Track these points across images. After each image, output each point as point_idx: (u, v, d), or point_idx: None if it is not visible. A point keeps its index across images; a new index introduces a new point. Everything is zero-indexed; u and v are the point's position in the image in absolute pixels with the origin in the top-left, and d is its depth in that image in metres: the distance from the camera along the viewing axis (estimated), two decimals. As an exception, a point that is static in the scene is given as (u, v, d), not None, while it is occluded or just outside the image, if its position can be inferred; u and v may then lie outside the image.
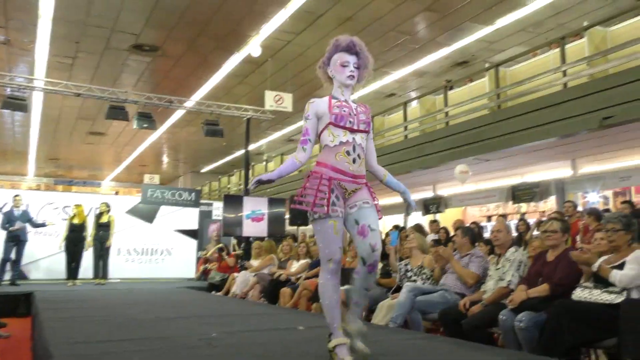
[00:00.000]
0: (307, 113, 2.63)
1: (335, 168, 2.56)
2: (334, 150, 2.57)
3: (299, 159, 2.61)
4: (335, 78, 2.68)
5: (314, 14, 9.29)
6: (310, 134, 2.62)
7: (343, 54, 2.65)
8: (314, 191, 2.52)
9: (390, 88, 13.31)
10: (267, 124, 15.10)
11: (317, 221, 2.55)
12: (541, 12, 9.31)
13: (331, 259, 2.57)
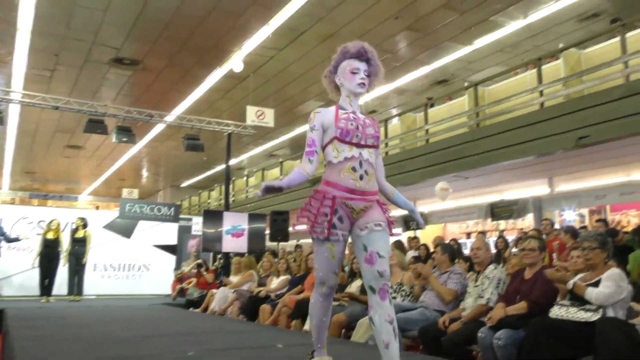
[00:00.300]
0: (313, 123, 2.50)
1: (340, 186, 2.43)
2: (338, 167, 2.44)
3: (306, 170, 2.46)
4: (343, 86, 2.56)
5: (297, 30, 9.37)
6: (316, 144, 2.49)
7: (353, 60, 2.54)
8: (315, 212, 2.42)
9: (372, 105, 13.43)
10: (249, 139, 15.08)
11: (315, 242, 2.48)
12: (518, 33, 9.55)
13: (324, 283, 2.52)
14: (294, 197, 13.28)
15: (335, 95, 2.65)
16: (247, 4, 8.46)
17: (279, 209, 11.79)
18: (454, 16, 8.93)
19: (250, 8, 8.57)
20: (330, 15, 8.81)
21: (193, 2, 8.34)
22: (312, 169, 2.47)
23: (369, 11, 8.69)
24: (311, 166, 2.47)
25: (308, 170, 2.46)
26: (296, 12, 8.60)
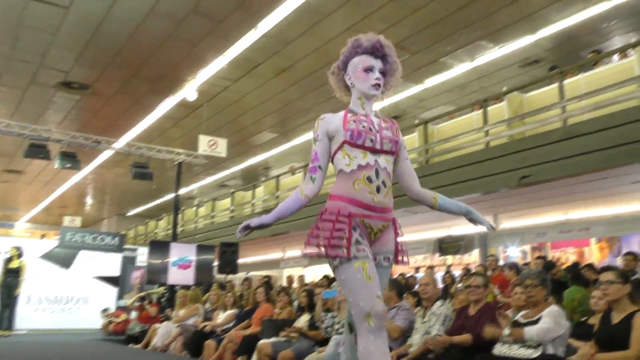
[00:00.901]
0: (316, 133, 2.14)
1: (356, 201, 2.03)
2: (352, 177, 2.05)
3: (305, 192, 2.07)
4: (354, 87, 2.21)
5: (253, 62, 9.42)
6: (320, 159, 2.10)
7: (366, 57, 2.19)
8: (330, 230, 1.98)
9: (325, 138, 13.57)
10: (200, 169, 14.85)
11: (340, 268, 1.97)
12: (466, 75, 9.97)
13: (369, 314, 1.89)
14: (245, 228, 13.10)
15: (345, 96, 2.31)
16: (203, 34, 8.46)
17: (228, 240, 11.57)
18: (406, 56, 9.23)
19: (207, 38, 8.57)
20: (286, 50, 8.93)
21: (148, 29, 8.25)
22: (315, 189, 2.08)
23: (324, 47, 8.86)
24: (313, 186, 2.08)
25: (308, 192, 2.07)
26: (252, 44, 8.67)
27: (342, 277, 1.98)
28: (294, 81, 10.17)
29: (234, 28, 8.23)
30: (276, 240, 13.11)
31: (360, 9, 7.69)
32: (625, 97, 6.23)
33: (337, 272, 2.01)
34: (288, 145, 13.93)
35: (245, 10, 7.71)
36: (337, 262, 1.97)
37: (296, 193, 2.08)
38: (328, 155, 2.13)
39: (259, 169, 16.49)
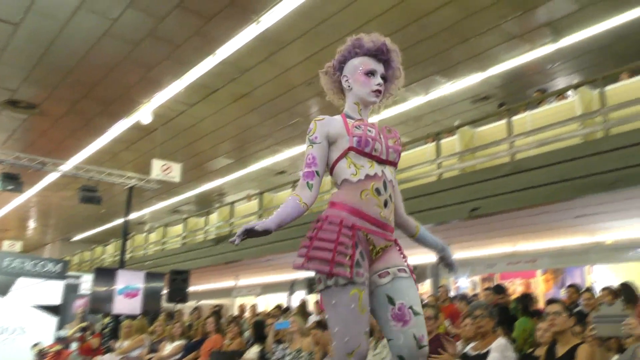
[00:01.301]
0: (314, 134, 1.91)
1: (361, 212, 1.82)
2: (359, 187, 1.84)
3: (303, 200, 1.81)
4: (352, 91, 2.00)
5: (210, 88, 9.36)
6: (318, 164, 1.87)
7: (368, 59, 1.99)
8: (332, 243, 1.74)
9: (281, 166, 13.55)
10: (152, 193, 14.46)
11: (332, 291, 1.74)
12: (420, 108, 10.25)
13: (352, 352, 1.71)
14: (197, 255, 12.80)
15: (337, 99, 2.10)
16: (160, 58, 8.36)
17: (179, 267, 11.24)
18: (362, 88, 9.43)
19: (164, 62, 8.47)
20: (244, 77, 8.93)
21: (102, 51, 8.08)
22: (312, 197, 1.85)
23: (283, 76, 8.93)
24: (310, 193, 1.85)
25: (306, 200, 1.83)
26: (210, 70, 8.63)
27: (332, 301, 1.74)
28: (251, 108, 10.16)
29: (191, 53, 8.18)
30: (229, 268, 12.84)
31: (319, 39, 7.82)
32: (568, 135, 6.54)
33: (327, 293, 1.76)
34: (244, 171, 13.82)
35: (204, 36, 7.69)
36: (331, 282, 1.73)
37: (293, 200, 1.81)
38: (326, 160, 1.91)
39: (213, 195, 16.24)
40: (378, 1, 6.86)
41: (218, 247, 12.12)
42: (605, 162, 5.73)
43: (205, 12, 7.16)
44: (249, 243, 10.84)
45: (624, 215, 6.92)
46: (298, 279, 12.38)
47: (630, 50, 7.96)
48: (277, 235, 10.74)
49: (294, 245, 10.00)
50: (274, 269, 12.48)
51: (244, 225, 1.73)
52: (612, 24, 7.44)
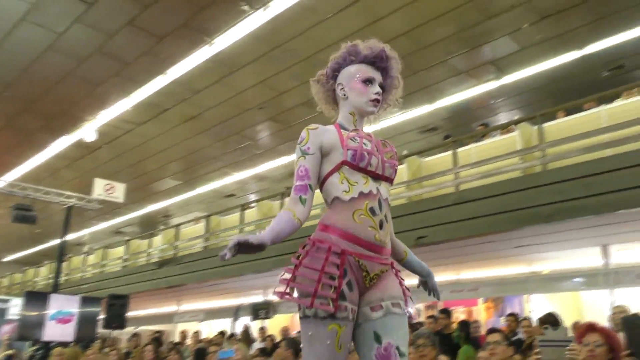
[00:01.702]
0: (307, 145, 1.75)
1: (353, 236, 1.67)
2: (352, 207, 1.69)
3: (297, 215, 1.66)
4: (347, 100, 1.85)
5: (159, 107, 9.18)
6: (311, 177, 1.72)
7: (365, 66, 1.85)
8: (317, 272, 1.60)
9: (230, 189, 13.38)
10: (93, 214, 13.89)
11: (311, 321, 1.63)
12: (370, 137, 10.44)
13: None
14: (139, 279, 12.31)
15: (329, 109, 1.95)
16: (108, 75, 8.14)
17: (118, 292, 10.76)
18: (314, 114, 9.43)
19: (112, 79, 8.25)
20: (195, 98, 8.83)
21: (45, 65, 7.78)
22: (305, 212, 1.69)
23: (235, 98, 8.89)
24: (304, 209, 1.69)
25: (300, 215, 1.67)
26: (160, 89, 8.48)
27: (308, 332, 1.63)
28: (202, 129, 10.03)
29: (141, 71, 8.02)
30: (171, 292, 12.41)
31: (273, 64, 7.87)
32: (510, 168, 6.82)
33: (304, 323, 1.64)
34: (191, 193, 13.55)
35: (155, 55, 7.58)
36: (310, 312, 1.62)
37: (287, 215, 1.65)
38: (318, 173, 1.75)
39: (158, 217, 15.79)
40: (333, 30, 6.99)
41: (161, 271, 11.72)
42: (542, 195, 6.00)
43: (157, 31, 7.07)
44: (194, 267, 10.58)
45: (560, 247, 7.23)
46: (243, 305, 12.12)
47: (566, 90, 8.48)
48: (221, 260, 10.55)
49: (240, 270, 9.86)
50: (219, 294, 12.18)
51: (236, 237, 1.53)
52: (550, 65, 7.93)
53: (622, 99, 6.60)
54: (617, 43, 7.38)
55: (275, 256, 9.69)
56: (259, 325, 10.58)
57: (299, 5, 6.53)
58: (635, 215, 5.52)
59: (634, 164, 5.29)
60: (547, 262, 8.12)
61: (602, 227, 6.08)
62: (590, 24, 6.99)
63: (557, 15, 6.80)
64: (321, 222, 1.73)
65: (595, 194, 5.52)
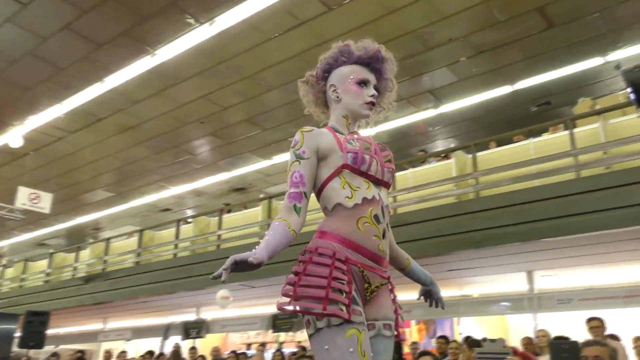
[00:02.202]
0: (302, 148, 1.61)
1: (356, 245, 1.56)
2: (356, 214, 1.57)
3: (293, 227, 1.54)
4: (341, 102, 1.74)
5: (94, 116, 8.81)
6: (306, 183, 1.59)
7: (360, 67, 1.75)
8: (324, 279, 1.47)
9: (166, 203, 12.99)
10: (15, 224, 13.03)
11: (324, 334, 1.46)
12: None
13: None
14: (62, 294, 11.62)
15: (318, 112, 1.84)
16: (39, 79, 7.73)
17: (38, 308, 10.08)
18: (257, 131, 9.47)
19: (44, 84, 7.84)
20: (134, 108, 8.55)
21: (-30, 63, 7.30)
22: (300, 223, 1.57)
23: (175, 111, 8.69)
24: (298, 219, 1.56)
25: (295, 227, 1.55)
26: (96, 97, 8.14)
27: (324, 347, 1.44)
28: (138, 141, 9.71)
29: (77, 78, 7.69)
30: (97, 309, 11.80)
31: (216, 80, 7.77)
32: (445, 194, 7.04)
33: (317, 338, 1.46)
34: (124, 206, 13.03)
35: (92, 62, 7.29)
36: (322, 324, 1.45)
37: (282, 227, 1.52)
38: (314, 179, 1.62)
39: (87, 230, 15.03)
40: (278, 49, 7.02)
41: (87, 287, 11.13)
42: (474, 221, 6.23)
43: (96, 37, 6.81)
44: (123, 283, 10.11)
45: (489, 272, 7.52)
46: (174, 323, 11.71)
47: (498, 122, 8.94)
48: (153, 277, 10.09)
49: (172, 288, 9.54)
50: (149, 311, 11.71)
51: (232, 256, 1.41)
52: (484, 97, 8.34)
53: (549, 134, 7.02)
54: (545, 81, 7.89)
55: (209, 274, 9.45)
56: (190, 344, 10.23)
57: (246, 23, 6.51)
58: (558, 243, 5.85)
59: (558, 194, 5.62)
60: (477, 286, 8.41)
61: (527, 253, 6.38)
62: (521, 61, 7.43)
63: (492, 52, 7.19)
64: (320, 230, 1.60)
65: (522, 222, 5.80)
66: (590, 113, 6.43)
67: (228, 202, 12.10)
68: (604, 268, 6.94)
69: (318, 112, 1.84)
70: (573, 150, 5.91)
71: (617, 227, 5.19)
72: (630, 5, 6.24)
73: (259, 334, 11.76)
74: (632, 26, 6.63)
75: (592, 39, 6.91)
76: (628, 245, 5.81)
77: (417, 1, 6.16)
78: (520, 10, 6.37)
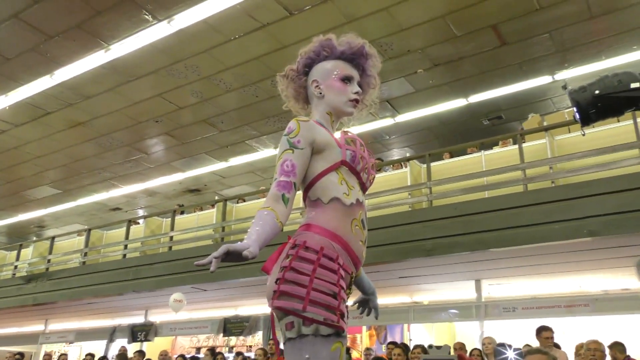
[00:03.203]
0: (297, 137, 1.52)
1: (346, 245, 1.49)
2: (351, 214, 1.52)
3: (280, 218, 1.43)
4: (324, 99, 1.67)
5: (41, 109, 8.44)
6: (297, 174, 1.49)
7: (343, 63, 1.69)
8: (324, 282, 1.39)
9: (117, 202, 12.61)
10: (-49, 219, 12.35)
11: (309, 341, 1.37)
12: (268, 160, 10.46)
13: None
14: (1, 294, 11.06)
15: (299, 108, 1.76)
16: (-18, 69, 7.35)
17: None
18: (214, 132, 9.33)
19: (-13, 74, 7.46)
20: (85, 104, 8.25)
21: None
22: (287, 215, 1.46)
23: (130, 108, 8.45)
24: (285, 210, 1.45)
25: (282, 218, 1.43)
26: (44, 91, 7.81)
27: (305, 355, 1.35)
28: (88, 137, 9.38)
29: (24, 70, 7.35)
30: (38, 310, 11.30)
31: (172, 79, 7.61)
32: (399, 202, 7.15)
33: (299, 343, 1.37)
34: (71, 204, 12.55)
35: (41, 54, 6.99)
36: (309, 331, 1.35)
37: (270, 217, 1.40)
38: (304, 172, 1.53)
39: (30, 227, 14.38)
40: (237, 51, 6.95)
41: (28, 286, 10.64)
42: (426, 230, 6.34)
43: (46, 29, 6.54)
44: (67, 284, 9.73)
45: (439, 279, 7.68)
46: (121, 325, 11.36)
47: (452, 133, 9.16)
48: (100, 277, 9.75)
49: (119, 289, 9.25)
50: (94, 313, 11.32)
51: (225, 246, 1.31)
52: (440, 109, 8.53)
53: (500, 147, 7.25)
54: (497, 96, 8.15)
55: (159, 276, 9.24)
56: (136, 348, 9.96)
57: (205, 23, 6.41)
58: (505, 253, 6.04)
59: (506, 206, 5.80)
60: (427, 294, 8.58)
61: (476, 262, 6.56)
62: (475, 76, 7.66)
63: (448, 65, 7.37)
64: (309, 223, 1.50)
65: (471, 231, 5.95)
66: (538, 129, 6.68)
67: (181, 203, 11.87)
68: (547, 278, 7.22)
69: (297, 107, 1.76)
70: (521, 164, 6.12)
71: (561, 239, 5.41)
72: (577, 28, 6.54)
73: (209, 337, 11.57)
74: (578, 47, 6.95)
75: (542, 58, 7.20)
76: (571, 257, 6.06)
77: (378, 12, 6.24)
78: (476, 27, 6.56)
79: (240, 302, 10.57)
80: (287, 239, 1.53)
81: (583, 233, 5.24)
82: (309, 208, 1.57)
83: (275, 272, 1.45)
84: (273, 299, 1.42)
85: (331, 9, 6.16)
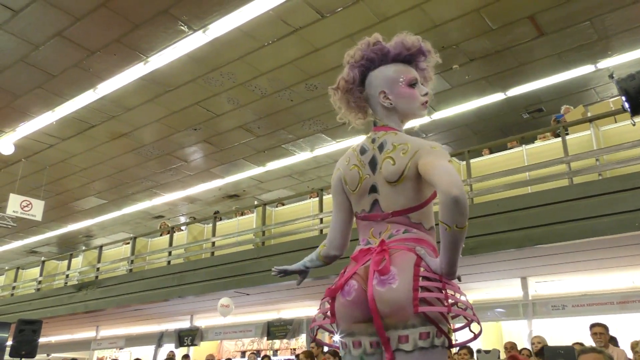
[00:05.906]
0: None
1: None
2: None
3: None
4: (394, 109, 1.62)
5: (86, 123, 8.76)
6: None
7: (403, 66, 1.64)
8: (453, 297, 1.49)
9: (159, 210, 12.92)
10: (6, 231, 12.93)
11: (439, 352, 1.42)
12: (305, 163, 10.51)
13: None
14: (54, 302, 11.51)
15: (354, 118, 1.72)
16: (31, 86, 7.68)
17: (29, 316, 9.98)
18: (250, 138, 9.45)
19: (35, 91, 7.79)
20: (126, 115, 8.51)
21: (-39, 70, 7.24)
22: None
23: (169, 118, 8.66)
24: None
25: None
26: (88, 105, 8.10)
27: None
28: (131, 148, 9.66)
29: (69, 85, 7.64)
30: (89, 317, 11.70)
31: (209, 87, 7.75)
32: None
33: (431, 354, 1.39)
34: (117, 213, 12.95)
35: (84, 69, 7.25)
36: (439, 342, 1.40)
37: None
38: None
39: (79, 237, 14.92)
40: (271, 57, 7.01)
41: (79, 294, 11.03)
42: (469, 227, 6.19)
43: (88, 45, 6.78)
44: (115, 291, 10.04)
45: (484, 278, 7.50)
46: (167, 331, 11.62)
47: (490, 129, 8.96)
48: (146, 284, 9.98)
49: (165, 295, 9.47)
50: (142, 319, 11.62)
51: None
52: (477, 104, 8.36)
53: (541, 141, 7.05)
54: (536, 88, 7.93)
55: (203, 281, 9.41)
56: (183, 352, 10.16)
57: (239, 30, 6.50)
58: (552, 249, 5.85)
59: (551, 201, 5.63)
60: (472, 293, 8.40)
61: (521, 260, 6.38)
62: (513, 69, 7.47)
63: (484, 59, 7.22)
64: (421, 238, 1.54)
65: (516, 228, 5.80)
66: (582, 120, 6.46)
67: (218, 210, 12.05)
68: (598, 274, 6.96)
69: (353, 117, 1.72)
70: (567, 156, 5.93)
71: (610, 234, 5.20)
72: (619, 14, 6.30)
73: (253, 341, 11.69)
74: (621, 34, 6.69)
75: (583, 47, 6.96)
76: (621, 252, 5.83)
77: (410, 9, 6.18)
78: (512, 19, 6.40)
79: (283, 305, 10.64)
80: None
81: (635, 226, 5.03)
82: (409, 226, 1.56)
83: (405, 278, 1.44)
84: (415, 305, 1.40)
85: (362, 9, 6.14)
